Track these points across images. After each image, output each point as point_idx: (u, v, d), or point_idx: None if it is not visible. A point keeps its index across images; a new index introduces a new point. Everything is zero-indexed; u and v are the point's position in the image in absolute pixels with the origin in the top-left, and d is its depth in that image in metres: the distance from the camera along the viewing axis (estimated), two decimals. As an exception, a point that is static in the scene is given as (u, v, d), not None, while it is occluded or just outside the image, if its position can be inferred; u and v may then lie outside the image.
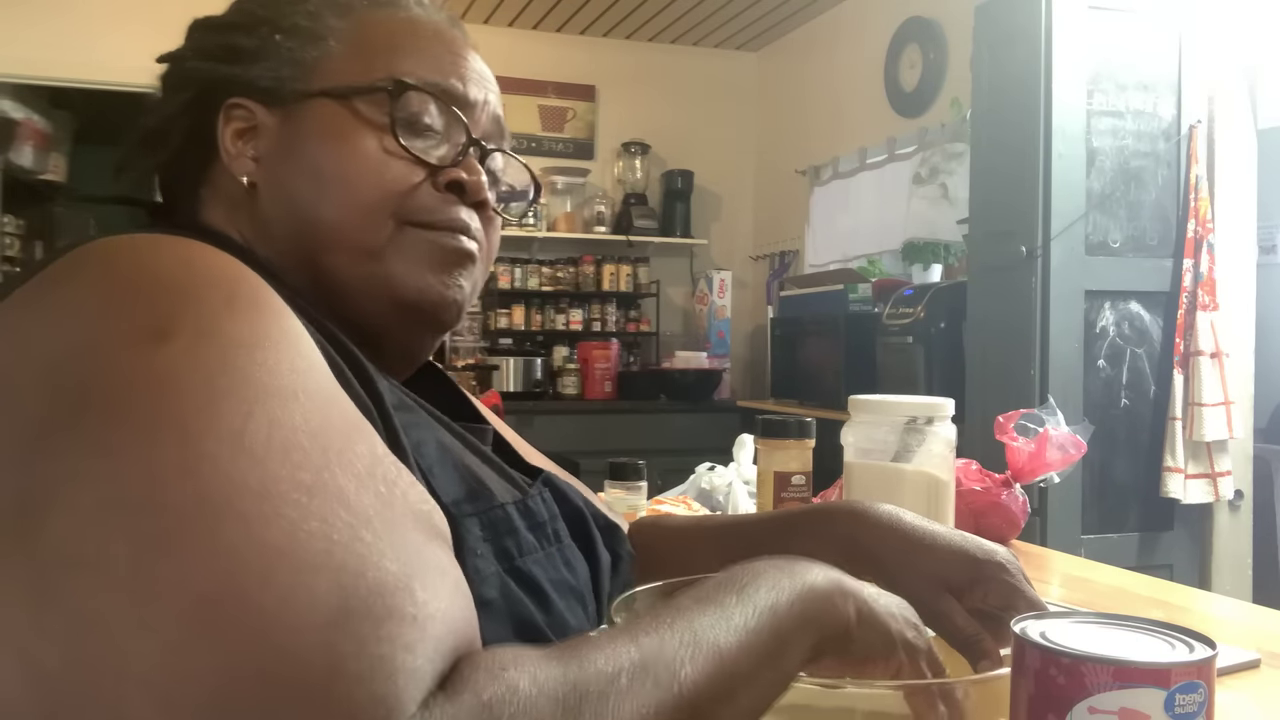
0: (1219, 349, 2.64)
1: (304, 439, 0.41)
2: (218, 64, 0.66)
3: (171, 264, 0.47)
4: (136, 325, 0.43)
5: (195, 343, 0.42)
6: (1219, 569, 2.76)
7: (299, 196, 0.64)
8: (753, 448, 1.45)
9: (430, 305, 0.66)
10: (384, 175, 0.64)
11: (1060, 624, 0.46)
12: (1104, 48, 2.67)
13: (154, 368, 0.41)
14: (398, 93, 0.64)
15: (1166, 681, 0.40)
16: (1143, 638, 0.45)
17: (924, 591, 0.65)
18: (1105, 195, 2.67)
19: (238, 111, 0.65)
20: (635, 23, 5.00)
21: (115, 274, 0.46)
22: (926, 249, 3.78)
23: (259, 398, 0.41)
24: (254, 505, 0.38)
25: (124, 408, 0.40)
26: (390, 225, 0.64)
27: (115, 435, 0.39)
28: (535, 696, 0.36)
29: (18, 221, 4.92)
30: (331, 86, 0.65)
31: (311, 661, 0.35)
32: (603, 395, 4.85)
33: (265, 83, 0.65)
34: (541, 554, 0.61)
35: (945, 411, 1.03)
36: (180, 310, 0.44)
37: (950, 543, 0.67)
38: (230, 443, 0.39)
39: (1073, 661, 0.41)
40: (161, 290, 0.45)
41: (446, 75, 0.67)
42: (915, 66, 4.13)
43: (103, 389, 0.41)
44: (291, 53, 0.65)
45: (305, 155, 0.64)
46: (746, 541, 0.77)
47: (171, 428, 0.39)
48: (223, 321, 0.44)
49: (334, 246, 0.63)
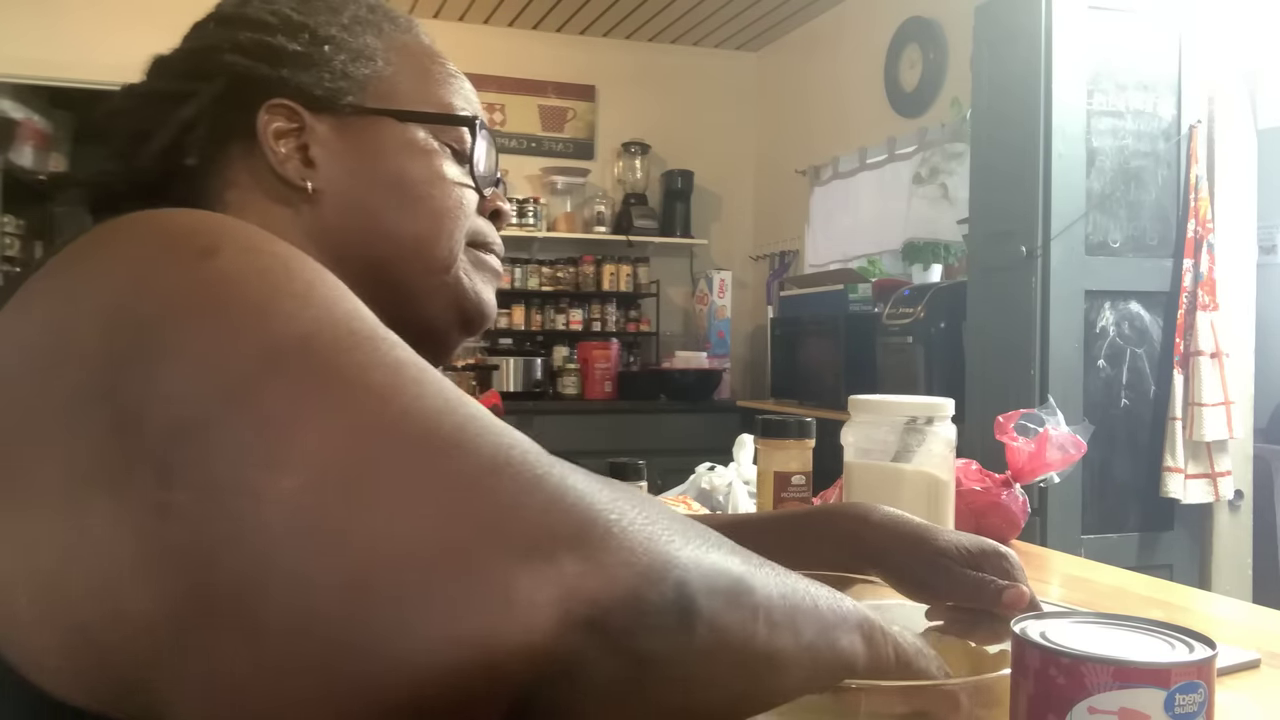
0: (1219, 349, 2.64)
1: (359, 307, 0.43)
2: (257, 62, 0.67)
3: (203, 216, 0.48)
4: (181, 250, 0.43)
5: (240, 254, 0.43)
6: (1219, 569, 2.76)
7: (376, 208, 0.68)
8: (753, 448, 1.45)
9: (481, 314, 0.73)
10: (462, 200, 0.71)
11: (1060, 624, 0.46)
12: (1104, 48, 2.67)
13: (205, 275, 0.41)
14: (475, 128, 0.72)
15: (1166, 682, 0.40)
16: (1143, 638, 0.45)
17: (922, 567, 0.66)
18: (1105, 195, 2.67)
19: (280, 111, 0.67)
20: (635, 23, 5.01)
21: (150, 226, 0.46)
22: (926, 249, 3.78)
23: (312, 281, 0.43)
24: (334, 336, 0.39)
25: (185, 311, 0.40)
26: (460, 244, 0.71)
27: (182, 332, 0.39)
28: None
29: (18, 221, 4.92)
30: (399, 109, 0.70)
31: (443, 414, 0.38)
32: (603, 395, 4.85)
33: (317, 91, 0.67)
34: None
35: (945, 411, 1.03)
36: (220, 236, 0.44)
37: (949, 534, 0.69)
38: (300, 301, 0.41)
39: (1072, 661, 0.41)
40: (198, 226, 0.46)
41: (476, 109, 0.74)
42: (915, 66, 4.13)
43: (159, 305, 0.40)
44: (344, 66, 0.69)
45: (379, 171, 0.69)
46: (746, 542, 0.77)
47: (235, 306, 0.40)
48: (262, 243, 0.45)
49: (412, 257, 0.69)
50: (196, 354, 0.38)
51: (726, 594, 0.40)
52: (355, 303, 0.44)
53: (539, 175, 5.12)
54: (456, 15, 4.86)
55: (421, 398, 0.38)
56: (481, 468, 0.36)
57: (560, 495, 0.36)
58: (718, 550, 0.42)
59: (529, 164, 5.09)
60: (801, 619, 0.45)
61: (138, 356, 0.39)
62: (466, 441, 0.37)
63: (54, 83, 4.54)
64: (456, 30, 4.84)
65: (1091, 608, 0.94)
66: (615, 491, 0.39)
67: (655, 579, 0.37)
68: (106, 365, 0.39)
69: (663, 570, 0.37)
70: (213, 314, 0.40)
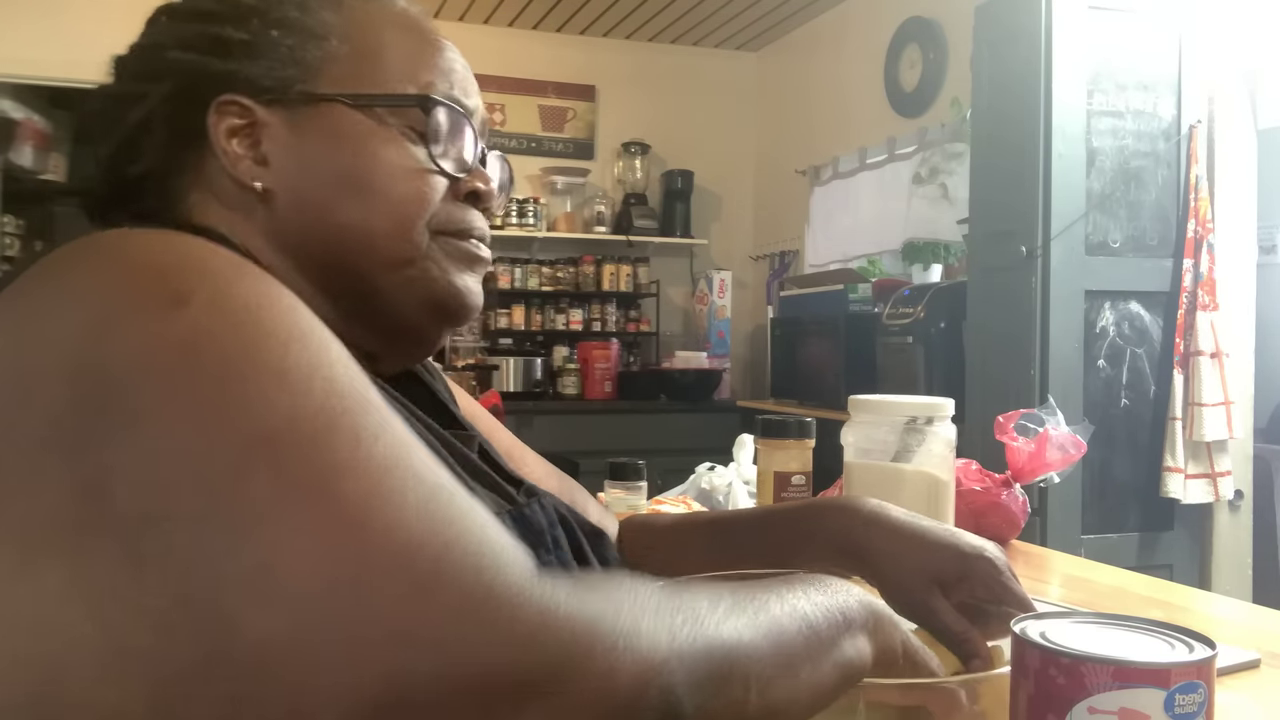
0: (1219, 349, 2.64)
1: (340, 371, 0.42)
2: (204, 56, 0.63)
3: (174, 246, 0.47)
4: (149, 297, 0.42)
5: (212, 305, 0.42)
6: (1219, 569, 2.76)
7: (328, 204, 0.63)
8: (753, 448, 1.45)
9: (459, 305, 0.68)
10: (420, 188, 0.65)
11: (1060, 624, 0.46)
12: (1104, 48, 2.67)
13: (176, 331, 0.41)
14: (429, 108, 0.65)
15: (1166, 682, 0.40)
16: (1142, 638, 0.45)
17: (912, 587, 0.65)
18: (1105, 195, 2.67)
19: (231, 109, 0.62)
20: (635, 23, 5.00)
21: (119, 258, 0.45)
22: (926, 249, 3.78)
23: (289, 339, 0.42)
24: (311, 429, 0.39)
25: (156, 373, 0.39)
26: (425, 236, 0.65)
27: (153, 400, 0.39)
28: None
29: (18, 222, 4.92)
30: (349, 93, 0.64)
31: (422, 540, 0.37)
32: (603, 395, 4.85)
33: (266, 81, 0.62)
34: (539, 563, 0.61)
35: (945, 411, 1.03)
36: (191, 280, 0.43)
37: (938, 538, 0.67)
38: (276, 379, 0.40)
39: (1072, 661, 0.41)
40: (169, 266, 0.44)
41: (454, 84, 0.68)
42: (915, 66, 4.13)
43: (129, 362, 0.40)
44: (292, 51, 0.63)
45: (331, 163, 0.63)
46: (736, 538, 0.77)
47: (209, 380, 0.39)
48: (235, 287, 0.44)
49: (370, 253, 0.64)
50: (167, 435, 0.38)
51: (712, 679, 0.40)
52: (335, 364, 0.43)
53: (539, 175, 5.12)
54: (456, 15, 4.86)
55: (402, 510, 0.37)
56: (460, 608, 0.36)
57: (538, 631, 0.36)
58: (700, 624, 0.41)
59: (529, 164, 5.08)
60: (798, 660, 0.45)
61: (104, 420, 0.38)
62: (445, 574, 0.36)
63: (54, 83, 4.54)
64: (456, 30, 4.84)
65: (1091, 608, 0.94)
66: (597, 599, 0.39)
67: (637, 698, 0.37)
68: (72, 422, 0.39)
69: (644, 687, 0.38)
70: (184, 387, 0.39)
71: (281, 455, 0.38)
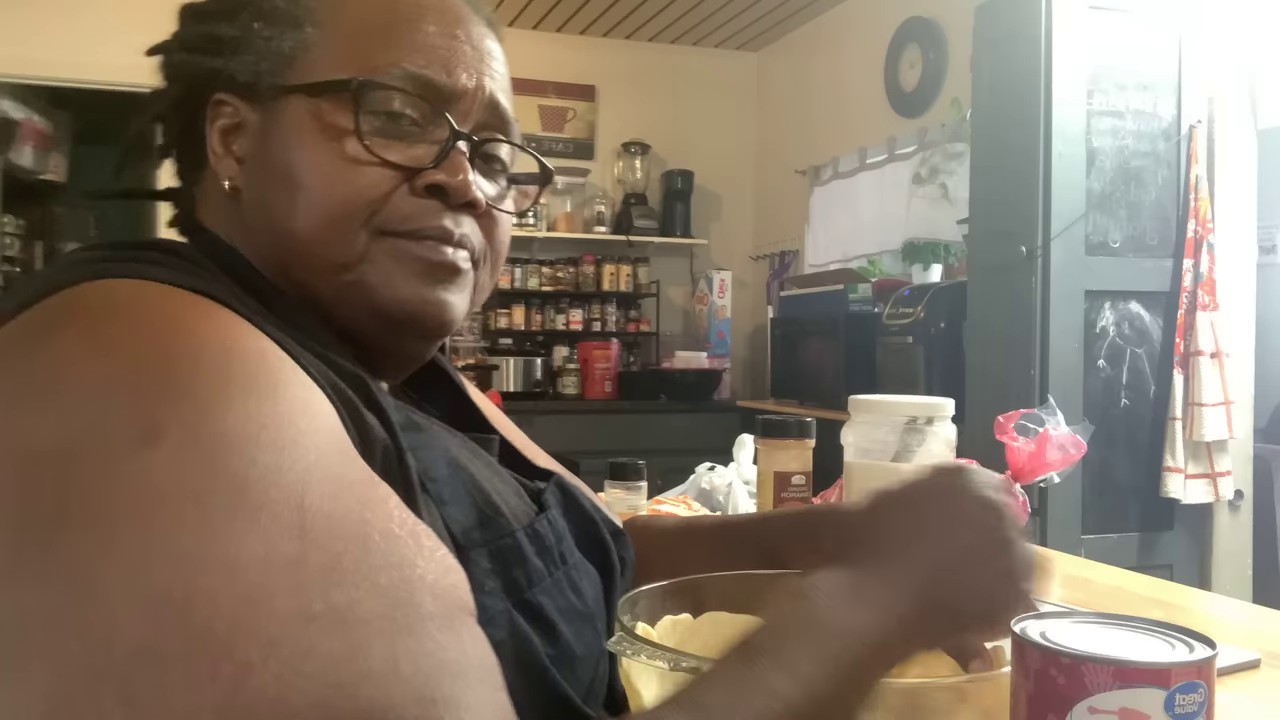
0: (1219, 349, 2.64)
1: (311, 551, 0.38)
2: (201, 56, 0.62)
3: (156, 338, 0.43)
4: (121, 424, 0.39)
5: (184, 446, 0.39)
6: (1219, 569, 2.76)
7: (273, 205, 0.59)
8: (753, 448, 1.45)
9: (410, 317, 0.60)
10: (353, 183, 0.58)
11: (1060, 624, 0.46)
12: (1104, 48, 2.67)
13: (140, 480, 0.38)
14: (362, 92, 0.58)
15: (1166, 681, 0.40)
16: (1143, 638, 0.45)
17: None
18: (1105, 195, 2.67)
19: (224, 108, 0.61)
20: (635, 23, 5.00)
21: (95, 352, 0.42)
22: (926, 249, 3.78)
23: (256, 511, 0.38)
24: (260, 649, 0.36)
25: (109, 531, 0.37)
26: (363, 237, 0.58)
27: (100, 566, 0.36)
28: None
29: (18, 221, 4.92)
30: (303, 82, 0.59)
31: None
32: (603, 395, 4.85)
33: (245, 77, 0.60)
34: (549, 580, 0.59)
35: (945, 411, 1.03)
36: (168, 402, 0.40)
37: None
38: (229, 572, 0.37)
39: (1073, 661, 0.41)
40: (147, 378, 0.41)
41: (429, 61, 0.60)
42: (915, 66, 4.13)
43: (84, 503, 0.37)
44: (269, 43, 0.60)
45: (278, 160, 0.59)
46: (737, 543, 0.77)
47: (163, 558, 0.36)
48: (215, 412, 0.41)
49: (305, 259, 0.59)
50: (91, 598, 0.35)
51: None
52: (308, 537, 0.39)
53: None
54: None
55: None
56: None
57: None
58: None
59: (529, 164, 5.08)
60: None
61: (42, 562, 0.36)
62: None
63: (54, 83, 4.54)
64: (456, 30, 4.83)
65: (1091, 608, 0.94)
66: None
67: None
68: (13, 540, 0.37)
69: None
70: (130, 544, 0.36)
71: (212, 676, 0.35)
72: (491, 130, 0.64)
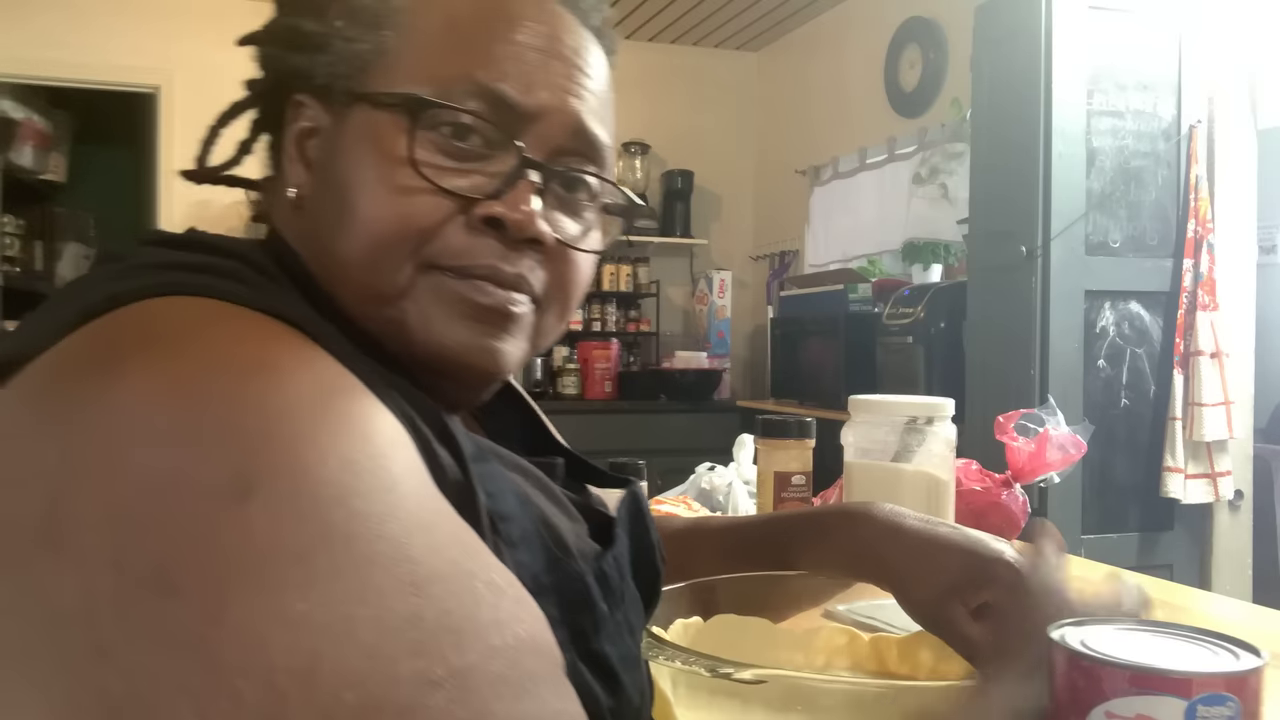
0: (1219, 349, 2.64)
1: (425, 609, 0.36)
2: (285, 51, 0.57)
3: (238, 376, 0.39)
4: (212, 476, 0.36)
5: (281, 499, 0.36)
6: (1219, 569, 2.76)
7: (326, 223, 0.54)
8: (753, 448, 1.45)
9: (448, 364, 0.54)
10: (402, 210, 0.52)
11: (1106, 629, 0.44)
12: (1104, 48, 2.67)
13: (239, 539, 0.35)
14: (419, 109, 0.52)
15: (1187, 692, 0.39)
16: (1191, 648, 0.43)
17: (930, 598, 0.64)
18: (1105, 195, 2.67)
19: (304, 110, 0.57)
20: (635, 23, 5.00)
21: (172, 391, 0.38)
22: (926, 249, 3.78)
23: (365, 568, 0.36)
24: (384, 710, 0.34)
25: (216, 597, 0.34)
26: (408, 269, 0.53)
27: (213, 637, 0.33)
28: None
29: (18, 221, 4.92)
30: (369, 91, 0.54)
31: None
32: (603, 395, 4.85)
33: (322, 79, 0.55)
34: (611, 625, 0.55)
35: (945, 411, 1.03)
36: (259, 450, 0.37)
37: (957, 546, 0.65)
38: (347, 637, 0.34)
39: (1091, 665, 0.40)
40: (233, 421, 0.38)
41: (505, 74, 0.54)
42: (915, 66, 4.13)
43: (185, 567, 0.34)
44: (348, 44, 0.55)
45: (337, 174, 0.54)
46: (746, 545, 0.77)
47: (277, 626, 0.34)
48: (310, 459, 0.37)
49: (348, 285, 0.53)
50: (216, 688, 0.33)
51: None
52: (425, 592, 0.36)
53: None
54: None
55: None
56: None
57: None
58: None
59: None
60: None
61: (148, 633, 0.33)
62: None
63: (54, 83, 4.54)
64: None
65: (1091, 608, 0.94)
66: None
67: None
68: (107, 613, 0.34)
69: None
70: (247, 619, 0.34)
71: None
72: (574, 157, 0.57)
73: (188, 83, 4.33)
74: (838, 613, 0.86)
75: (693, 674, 0.50)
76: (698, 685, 0.51)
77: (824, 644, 0.69)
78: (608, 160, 0.59)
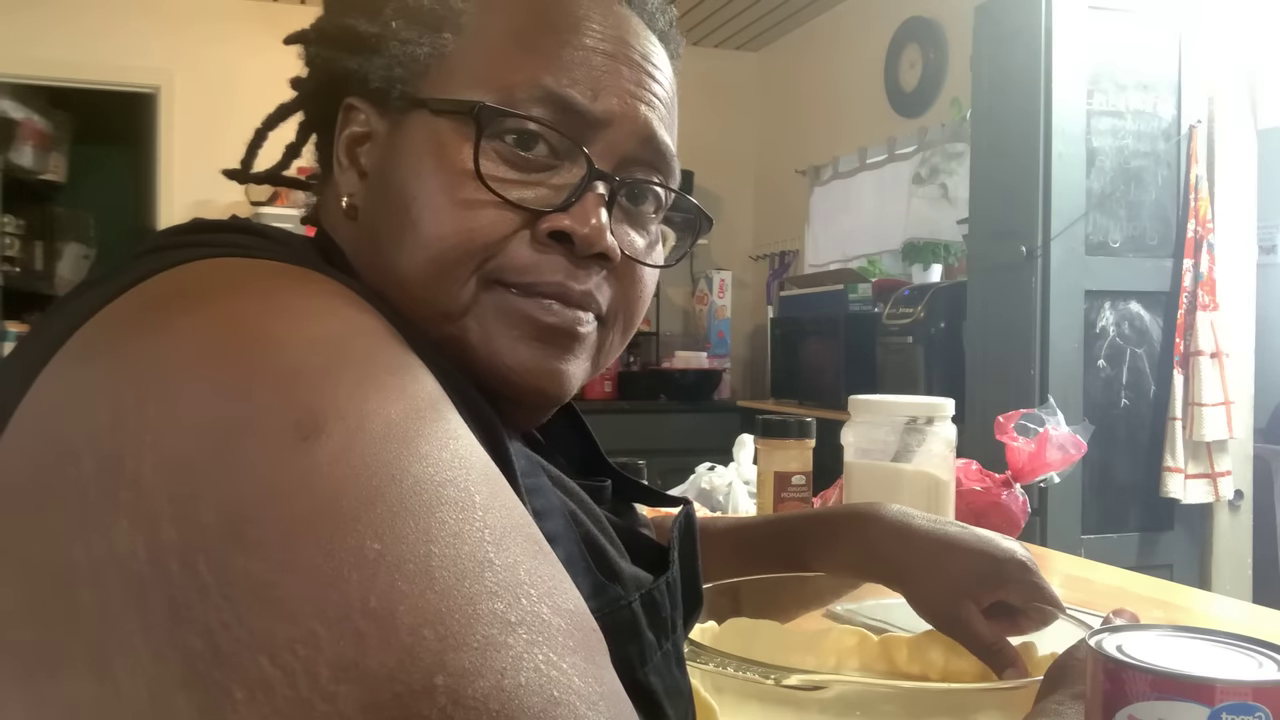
0: (1219, 349, 2.64)
1: (495, 554, 0.35)
2: (337, 52, 0.55)
3: (297, 317, 0.39)
4: (276, 418, 0.35)
5: (348, 439, 0.35)
6: (1219, 569, 2.76)
7: (383, 234, 0.52)
8: (753, 448, 1.45)
9: (509, 386, 0.52)
10: (465, 223, 0.50)
11: (1149, 635, 0.43)
12: (1104, 48, 2.67)
13: (308, 481, 0.34)
14: (484, 117, 0.50)
15: (1210, 699, 0.38)
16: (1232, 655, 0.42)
17: (942, 600, 0.65)
18: (1105, 195, 2.67)
19: (356, 114, 0.55)
20: (635, 23, 5.01)
21: (232, 335, 0.37)
22: (926, 249, 3.78)
23: (434, 510, 0.35)
24: (474, 656, 0.32)
25: (287, 542, 0.33)
26: (472, 285, 0.50)
27: (287, 584, 0.32)
28: None
29: (18, 221, 4.92)
30: (429, 96, 0.52)
31: None
32: (603, 395, 4.85)
33: (377, 82, 0.53)
34: (659, 656, 0.53)
35: (945, 411, 1.03)
36: (322, 390, 0.36)
37: (968, 546, 0.66)
38: (424, 576, 0.33)
39: (1116, 667, 0.40)
40: (293, 362, 0.37)
41: (574, 80, 0.51)
42: (915, 66, 4.13)
43: (253, 514, 0.33)
44: (406, 46, 0.52)
45: (395, 183, 0.52)
46: (753, 546, 0.77)
47: (351, 566, 0.33)
48: (373, 401, 0.36)
49: (407, 300, 0.50)
50: (291, 615, 0.32)
51: None
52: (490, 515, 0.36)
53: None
54: None
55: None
56: None
57: None
58: None
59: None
60: None
61: (219, 585, 0.32)
62: None
63: (54, 83, 4.54)
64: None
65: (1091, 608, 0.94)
66: None
67: None
68: (177, 568, 0.33)
69: None
70: (319, 562, 0.32)
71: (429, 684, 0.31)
72: (641, 167, 0.55)
73: (188, 83, 4.34)
74: (840, 613, 0.86)
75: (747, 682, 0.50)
76: (747, 693, 0.50)
77: (834, 645, 0.69)
78: (675, 170, 0.56)
